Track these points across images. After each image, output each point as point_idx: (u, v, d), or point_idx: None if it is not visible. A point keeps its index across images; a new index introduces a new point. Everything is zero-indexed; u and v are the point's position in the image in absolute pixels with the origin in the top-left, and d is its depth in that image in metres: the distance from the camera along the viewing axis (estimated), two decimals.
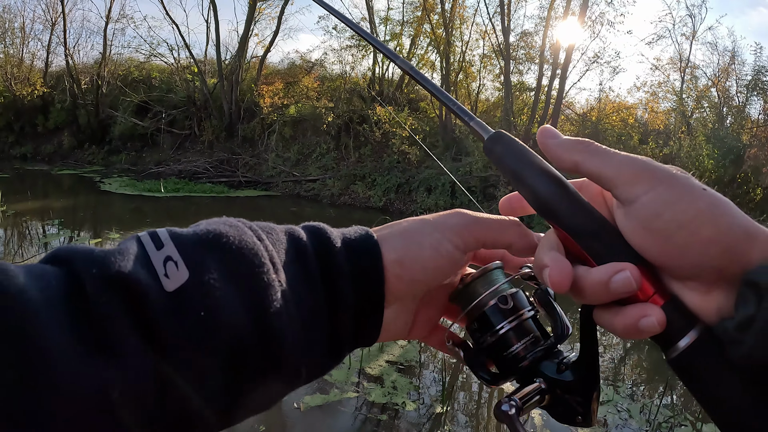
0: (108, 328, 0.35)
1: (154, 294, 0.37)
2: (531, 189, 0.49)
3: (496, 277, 0.60)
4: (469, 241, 0.52)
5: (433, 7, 20.19)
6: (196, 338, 0.38)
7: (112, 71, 26.88)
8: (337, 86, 22.20)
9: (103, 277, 0.37)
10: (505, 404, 0.50)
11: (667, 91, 18.21)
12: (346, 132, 19.67)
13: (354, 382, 5.16)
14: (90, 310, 0.35)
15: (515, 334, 0.56)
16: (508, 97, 16.46)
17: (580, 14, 15.84)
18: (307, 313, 0.45)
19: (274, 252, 0.44)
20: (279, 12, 23.04)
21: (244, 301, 0.40)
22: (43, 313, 0.34)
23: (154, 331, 0.36)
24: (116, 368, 0.35)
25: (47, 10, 27.79)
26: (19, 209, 12.79)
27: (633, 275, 0.43)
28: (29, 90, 27.66)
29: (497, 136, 0.52)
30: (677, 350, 0.43)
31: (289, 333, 0.42)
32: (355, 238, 0.50)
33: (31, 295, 0.34)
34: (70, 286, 0.36)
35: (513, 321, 0.56)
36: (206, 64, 24.76)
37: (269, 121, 21.25)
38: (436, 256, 0.51)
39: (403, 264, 0.50)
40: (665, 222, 0.42)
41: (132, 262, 0.38)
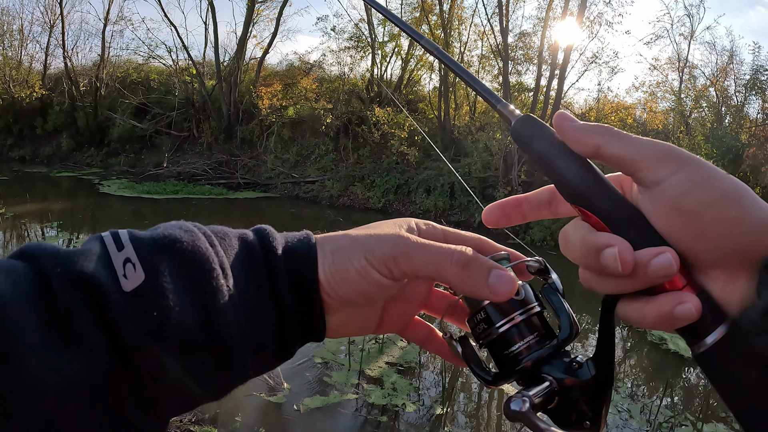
0: (73, 322, 0.38)
1: (113, 293, 0.40)
2: (562, 174, 0.48)
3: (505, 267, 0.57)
4: (397, 274, 0.50)
5: (432, 8, 20.22)
6: (150, 336, 0.40)
7: (111, 73, 26.87)
8: (335, 87, 22.21)
9: (68, 275, 0.39)
10: (516, 400, 0.46)
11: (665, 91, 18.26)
12: (344, 133, 19.67)
13: (354, 383, 5.17)
14: (56, 305, 0.38)
15: (522, 330, 0.53)
16: (506, 98, 16.39)
17: (578, 14, 15.86)
18: (256, 315, 0.47)
19: (224, 258, 0.47)
20: (277, 13, 23.07)
21: (194, 303, 0.43)
22: (14, 308, 0.36)
23: (114, 328, 0.39)
24: (81, 361, 0.37)
25: (45, 13, 27.84)
26: (18, 212, 12.78)
27: (673, 257, 0.42)
28: (28, 92, 27.65)
29: (526, 119, 0.51)
30: (704, 345, 0.42)
31: (236, 333, 0.45)
32: (294, 246, 0.52)
33: (2, 289, 0.36)
34: (38, 283, 0.39)
35: (523, 314, 0.53)
36: (205, 65, 24.76)
37: (268, 123, 21.25)
38: (360, 281, 0.50)
39: (330, 284, 0.50)
40: (693, 201, 0.42)
41: (94, 262, 0.41)
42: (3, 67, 28.05)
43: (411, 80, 22.78)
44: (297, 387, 5.06)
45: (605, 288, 0.46)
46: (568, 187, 0.48)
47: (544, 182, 1.59)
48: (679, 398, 5.72)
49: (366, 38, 22.82)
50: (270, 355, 0.50)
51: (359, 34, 23.18)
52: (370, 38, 22.51)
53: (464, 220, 15.37)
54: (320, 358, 5.63)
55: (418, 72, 22.80)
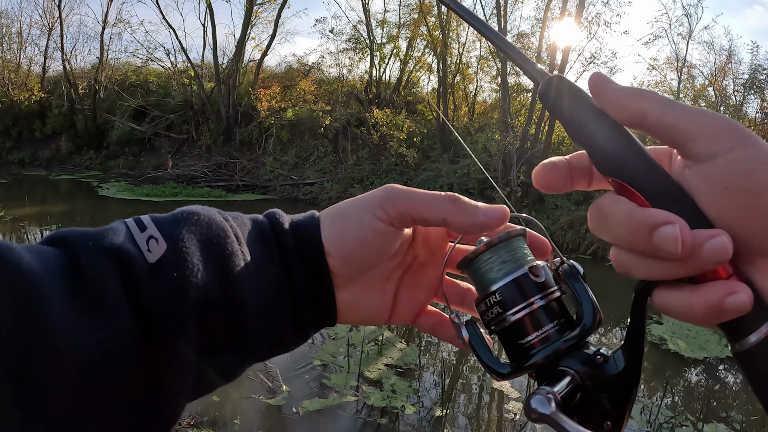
0: (101, 289, 0.40)
1: (139, 265, 0.42)
2: (597, 141, 0.43)
3: (521, 245, 0.53)
4: (393, 214, 0.51)
5: (430, 9, 20.21)
6: (171, 298, 0.42)
7: (110, 76, 26.88)
8: (334, 89, 22.24)
9: (98, 248, 0.42)
10: (538, 398, 0.41)
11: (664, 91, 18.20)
12: (343, 135, 19.67)
13: (353, 385, 5.15)
14: (85, 275, 0.40)
15: (541, 317, 0.48)
16: (505, 99, 16.44)
17: (576, 15, 15.88)
18: (270, 287, 0.49)
19: (239, 230, 0.49)
20: (276, 15, 23.08)
21: (212, 265, 0.45)
22: (43, 281, 0.38)
23: (139, 292, 0.41)
24: (108, 326, 0.39)
25: (44, 15, 27.84)
26: (17, 215, 12.78)
27: (729, 241, 0.38)
28: (27, 95, 27.64)
29: (557, 80, 0.47)
30: (747, 344, 0.39)
31: (251, 298, 0.46)
32: (300, 221, 0.53)
33: (32, 265, 0.38)
34: (67, 259, 0.41)
35: (543, 299, 0.49)
36: (203, 68, 24.76)
37: (267, 125, 21.24)
38: (359, 228, 0.51)
39: (332, 242, 0.51)
40: (753, 181, 0.38)
41: (121, 238, 0.43)
42: (2, 70, 28.02)
43: (410, 81, 22.79)
44: (296, 389, 5.05)
45: (646, 272, 0.42)
46: (605, 156, 0.43)
47: None
48: (680, 398, 5.71)
49: (364, 40, 22.84)
50: (284, 333, 0.51)
51: (357, 35, 23.22)
52: (369, 40, 22.53)
53: None
54: (319, 360, 5.62)
55: (417, 73, 22.83)
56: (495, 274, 0.51)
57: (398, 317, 0.59)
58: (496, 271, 0.51)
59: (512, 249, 0.52)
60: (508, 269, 0.50)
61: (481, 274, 0.52)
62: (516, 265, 0.51)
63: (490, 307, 0.51)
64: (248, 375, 5.20)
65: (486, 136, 16.94)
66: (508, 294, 0.49)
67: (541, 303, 0.49)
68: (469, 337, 0.53)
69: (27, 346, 0.35)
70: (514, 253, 0.52)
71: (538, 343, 0.48)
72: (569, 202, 14.04)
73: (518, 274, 0.50)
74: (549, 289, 0.50)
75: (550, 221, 13.80)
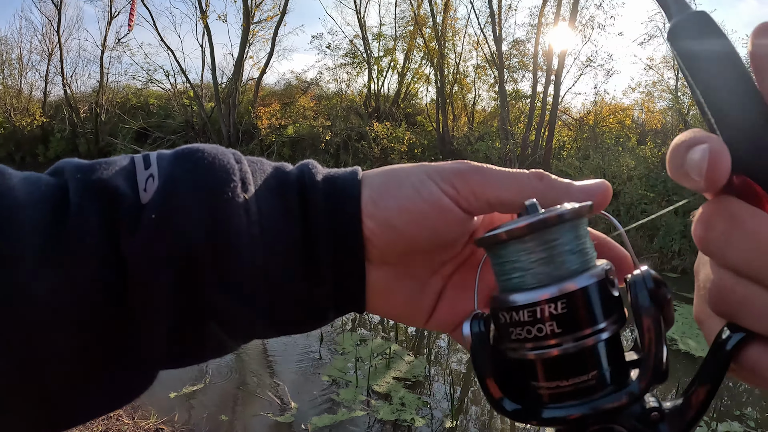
0: (77, 229, 0.37)
1: (126, 205, 0.38)
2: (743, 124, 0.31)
3: (584, 232, 0.39)
4: (464, 193, 0.41)
5: (425, 21, 20.30)
6: (149, 244, 0.38)
7: (111, 99, 27.02)
8: (333, 104, 22.31)
9: (85, 182, 0.39)
10: None
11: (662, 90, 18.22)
12: (344, 149, 19.71)
13: (362, 400, 5.12)
14: (68, 215, 0.37)
15: (596, 354, 0.36)
16: (504, 106, 16.46)
17: (570, 19, 15.89)
18: (278, 248, 0.41)
19: (249, 176, 0.42)
20: (272, 33, 23.17)
21: (201, 209, 0.39)
22: (24, 212, 0.36)
23: (118, 241, 0.38)
24: (73, 272, 0.36)
25: (43, 41, 28.04)
26: None
27: None
28: (29, 120, 27.79)
29: (701, 17, 0.34)
30: None
31: (245, 250, 0.39)
32: (338, 175, 0.44)
33: (18, 194, 0.36)
34: (56, 192, 0.38)
35: (613, 324, 0.36)
36: (203, 88, 24.88)
37: (268, 143, 21.30)
38: (415, 197, 0.41)
39: (376, 202, 0.42)
40: None
41: (115, 173, 0.40)
42: (3, 95, 28.25)
43: (408, 93, 22.85)
44: (304, 406, 5.02)
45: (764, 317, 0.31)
46: (752, 146, 0.31)
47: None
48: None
49: (361, 54, 22.94)
50: (293, 305, 0.42)
51: (354, 50, 23.33)
52: (366, 54, 22.62)
53: None
54: (327, 376, 5.59)
55: (415, 85, 22.89)
56: (543, 272, 0.37)
57: (437, 321, 0.48)
58: (546, 269, 0.37)
59: (579, 236, 0.38)
60: (568, 269, 0.37)
61: (517, 267, 0.38)
62: (582, 265, 0.37)
63: (518, 324, 0.37)
64: (256, 392, 5.18)
65: (486, 144, 16.93)
66: (565, 312, 0.35)
67: (608, 334, 0.36)
68: (471, 336, 0.40)
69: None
70: (580, 242, 0.38)
71: (572, 392, 0.36)
72: None
73: (588, 283, 0.36)
74: (621, 312, 0.37)
75: None
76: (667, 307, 0.36)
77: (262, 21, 23.55)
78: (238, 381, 5.53)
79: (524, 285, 0.37)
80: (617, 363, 0.37)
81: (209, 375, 5.45)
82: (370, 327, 7.45)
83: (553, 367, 0.36)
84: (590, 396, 0.35)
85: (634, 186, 13.27)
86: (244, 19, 22.86)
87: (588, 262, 0.37)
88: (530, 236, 0.37)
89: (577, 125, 17.85)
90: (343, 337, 6.70)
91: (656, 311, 0.35)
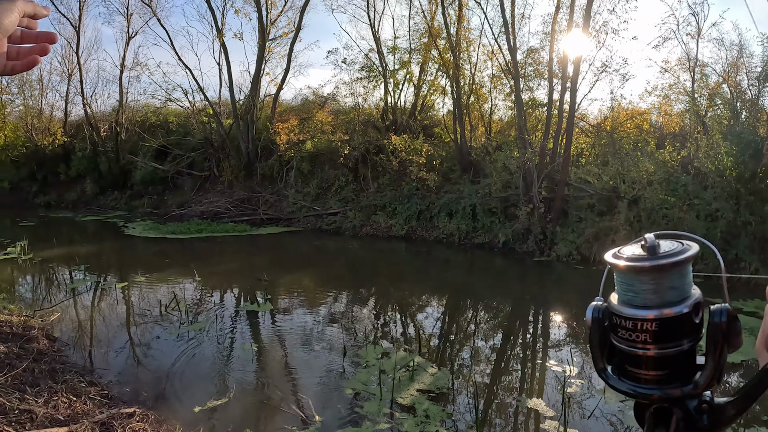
0: None
1: None
2: None
3: (687, 271, 0.53)
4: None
5: (439, 33, 20.35)
6: None
7: (130, 118, 27.41)
8: (351, 118, 22.42)
9: None
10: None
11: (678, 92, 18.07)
12: (363, 163, 19.80)
13: (386, 413, 5.12)
14: None
15: (674, 359, 0.51)
16: (521, 115, 16.44)
17: (583, 26, 15.82)
18: None
19: None
20: (288, 50, 23.39)
21: None
22: None
23: None
24: None
25: (63, 62, 28.52)
26: (46, 256, 13.00)
27: None
28: (50, 140, 28.33)
29: None
30: None
31: None
32: None
33: None
34: None
35: (690, 341, 0.51)
36: (221, 105, 25.13)
37: (287, 158, 21.47)
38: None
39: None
40: None
41: None
42: (25, 116, 28.85)
43: (425, 105, 22.90)
44: (328, 419, 5.02)
45: None
46: None
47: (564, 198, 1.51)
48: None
49: (377, 68, 23.07)
50: None
51: (370, 64, 23.45)
52: (381, 67, 22.75)
53: (488, 241, 15.31)
54: (351, 389, 5.60)
55: (431, 97, 22.93)
56: (649, 298, 0.52)
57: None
58: (651, 296, 0.52)
59: (682, 275, 0.53)
60: (667, 300, 0.52)
61: (630, 288, 0.53)
62: (678, 297, 0.52)
63: (623, 327, 0.53)
64: (280, 406, 5.20)
65: (504, 154, 16.91)
66: (657, 330, 0.51)
67: (682, 349, 0.51)
68: (591, 320, 0.57)
69: None
70: (682, 281, 0.52)
71: (653, 379, 0.52)
72: (593, 214, 13.94)
73: (678, 313, 0.51)
74: (698, 332, 0.52)
75: (576, 234, 13.69)
76: (734, 335, 0.51)
77: (277, 38, 23.85)
78: (262, 395, 5.56)
79: (633, 302, 0.53)
80: (687, 366, 0.52)
81: (233, 389, 5.49)
82: (392, 339, 7.45)
83: (639, 361, 0.53)
84: (661, 385, 0.52)
85: (655, 191, 13.16)
86: (259, 36, 23.12)
87: (683, 294, 0.52)
88: (645, 274, 0.52)
89: (595, 132, 17.77)
90: (366, 350, 6.71)
91: (721, 337, 0.50)
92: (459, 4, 19.13)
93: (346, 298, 10.27)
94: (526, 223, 14.76)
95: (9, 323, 6.89)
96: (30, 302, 9.02)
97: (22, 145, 28.90)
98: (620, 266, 0.53)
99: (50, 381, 5.20)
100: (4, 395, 4.48)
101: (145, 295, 9.82)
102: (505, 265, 13.88)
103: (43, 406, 4.51)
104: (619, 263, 0.54)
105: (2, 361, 5.38)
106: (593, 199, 14.33)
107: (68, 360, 6.22)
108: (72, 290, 9.98)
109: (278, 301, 9.44)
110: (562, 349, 7.16)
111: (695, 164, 13.32)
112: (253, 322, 8.25)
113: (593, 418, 5.04)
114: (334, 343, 7.19)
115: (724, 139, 12.98)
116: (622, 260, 0.54)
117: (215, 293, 10.37)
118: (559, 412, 5.08)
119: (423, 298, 10.54)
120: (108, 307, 8.99)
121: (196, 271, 11.25)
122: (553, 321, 8.96)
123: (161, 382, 5.72)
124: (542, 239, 14.38)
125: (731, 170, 12.26)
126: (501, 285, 12.01)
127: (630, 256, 0.54)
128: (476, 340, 7.85)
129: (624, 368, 0.55)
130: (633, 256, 0.54)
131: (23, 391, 4.74)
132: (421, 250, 15.43)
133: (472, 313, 9.67)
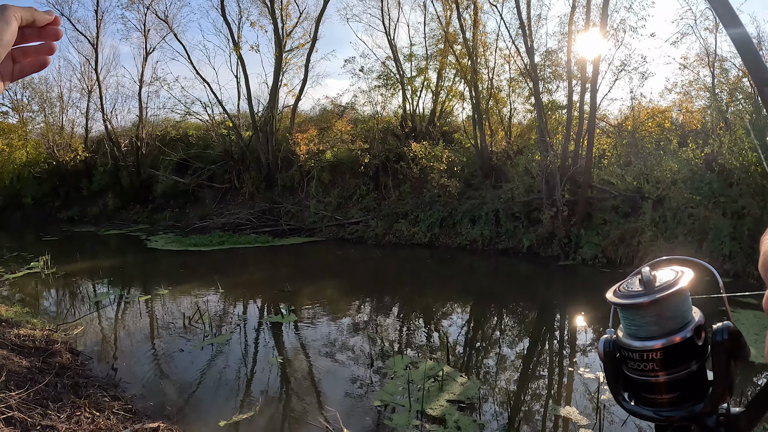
0: None
1: None
2: None
3: (685, 299, 0.56)
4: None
5: (455, 38, 20.29)
6: None
7: (150, 132, 27.71)
8: (370, 127, 22.42)
9: None
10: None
11: (699, 88, 17.76)
12: (384, 171, 19.76)
13: (416, 424, 5.00)
14: None
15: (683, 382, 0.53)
16: (541, 118, 16.26)
17: (601, 25, 15.63)
18: None
19: None
20: (305, 60, 23.49)
21: None
22: None
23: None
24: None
25: (83, 79, 29.01)
26: (69, 270, 13.12)
27: None
28: (72, 156, 28.73)
29: None
30: None
31: None
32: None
33: None
34: None
35: (697, 363, 0.54)
36: (240, 117, 25.30)
37: (307, 168, 21.49)
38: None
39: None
40: None
41: None
42: (46, 133, 29.35)
43: (444, 111, 22.83)
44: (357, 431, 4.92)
45: None
46: None
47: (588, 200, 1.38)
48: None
49: (394, 75, 23.04)
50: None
51: (387, 71, 23.45)
52: (399, 75, 22.71)
53: (512, 246, 15.16)
54: (379, 400, 5.49)
55: (450, 103, 22.86)
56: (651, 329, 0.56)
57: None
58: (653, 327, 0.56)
59: (679, 303, 0.56)
60: (669, 328, 0.55)
61: (633, 322, 0.57)
62: (678, 324, 0.55)
63: (631, 359, 0.56)
64: (306, 419, 5.11)
65: (526, 158, 16.75)
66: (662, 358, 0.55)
67: (694, 369, 0.54)
68: (602, 352, 0.60)
69: None
70: (680, 309, 0.55)
71: (669, 401, 0.54)
72: (618, 215, 13.73)
73: (680, 340, 0.55)
74: (702, 354, 0.55)
75: (600, 237, 13.50)
76: (740, 350, 0.54)
77: (293, 49, 23.97)
78: (288, 408, 5.47)
79: (638, 334, 0.57)
80: (699, 385, 0.55)
81: (259, 402, 5.41)
82: (418, 348, 7.33)
83: (653, 387, 0.57)
84: (677, 406, 0.55)
85: (679, 190, 12.90)
86: (276, 48, 23.24)
87: (684, 320, 0.56)
88: (644, 309, 0.56)
89: (616, 132, 17.53)
90: (393, 360, 6.60)
91: (725, 354, 0.54)
92: (474, 7, 19.07)
93: (371, 308, 10.17)
94: (549, 227, 14.58)
95: (32, 337, 6.89)
96: (53, 316, 9.07)
97: (45, 161, 29.33)
98: (621, 304, 0.59)
99: (73, 396, 5.15)
100: (26, 411, 4.42)
101: (168, 307, 9.82)
102: (530, 270, 13.72)
103: (65, 422, 4.45)
104: (619, 302, 0.59)
105: (24, 376, 5.35)
106: (617, 200, 14.13)
107: (91, 374, 6.19)
108: (95, 304, 10.02)
109: (302, 312, 9.37)
110: (590, 354, 6.99)
111: (719, 161, 13.03)
112: (277, 333, 8.18)
113: (627, 426, 4.88)
114: (359, 353, 7.09)
115: (747, 135, 12.71)
116: (622, 298, 0.59)
117: (238, 305, 10.34)
118: (592, 419, 4.93)
119: (448, 306, 10.42)
120: (131, 320, 8.99)
121: (219, 283, 11.23)
122: (581, 326, 8.76)
123: (185, 396, 5.66)
124: (566, 243, 14.19)
125: (756, 166, 11.98)
126: (526, 290, 11.85)
127: (628, 293, 0.59)
128: (503, 347, 7.72)
129: (640, 395, 0.59)
130: (631, 293, 0.59)
131: (45, 407, 4.69)
132: (444, 257, 15.32)
133: (498, 320, 9.52)
